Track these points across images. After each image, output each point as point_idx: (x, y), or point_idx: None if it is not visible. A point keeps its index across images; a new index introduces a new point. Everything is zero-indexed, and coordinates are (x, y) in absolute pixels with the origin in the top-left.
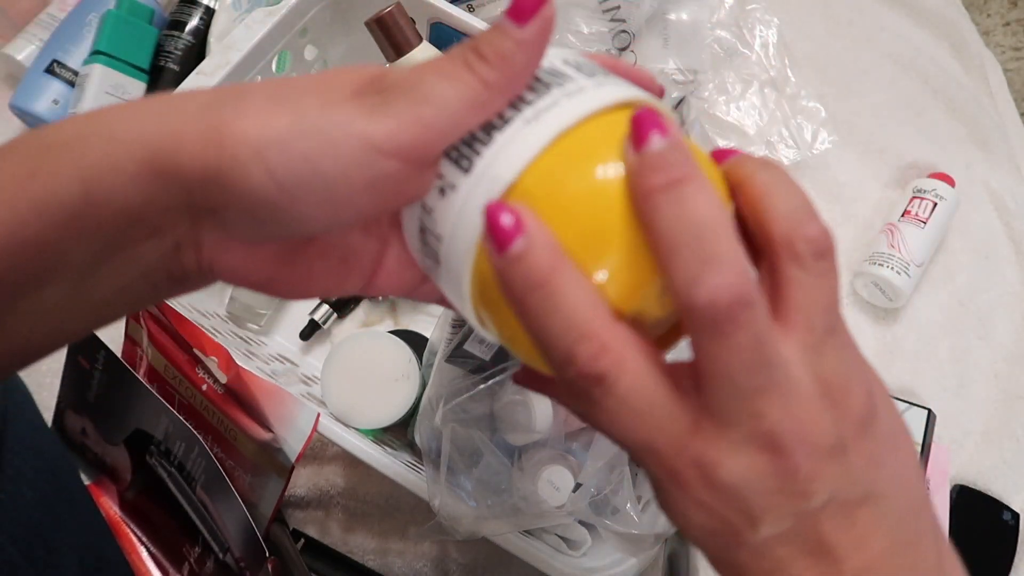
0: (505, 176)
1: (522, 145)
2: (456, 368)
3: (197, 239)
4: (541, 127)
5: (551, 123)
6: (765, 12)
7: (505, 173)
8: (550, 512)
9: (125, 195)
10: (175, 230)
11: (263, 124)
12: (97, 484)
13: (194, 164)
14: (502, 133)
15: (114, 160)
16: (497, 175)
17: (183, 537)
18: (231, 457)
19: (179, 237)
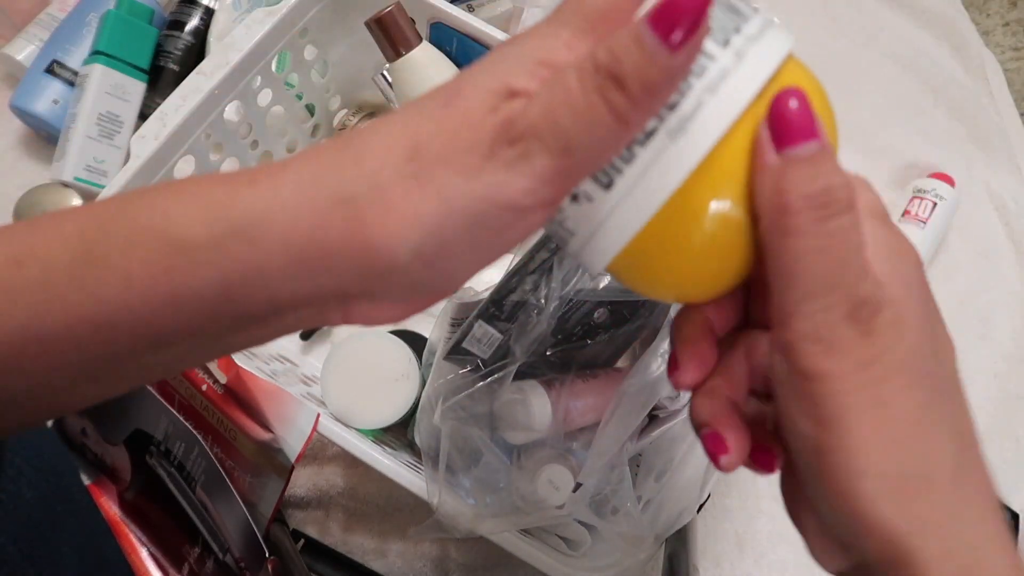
0: (650, 206)
1: (665, 172)
2: (455, 366)
3: (346, 309)
4: (687, 146)
5: (698, 142)
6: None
7: (649, 203)
8: (550, 511)
9: (268, 293)
10: (322, 306)
11: (412, 220)
12: (97, 484)
13: (343, 263)
14: (644, 149)
15: (256, 265)
16: (640, 206)
17: (183, 537)
18: (231, 457)
19: (326, 309)
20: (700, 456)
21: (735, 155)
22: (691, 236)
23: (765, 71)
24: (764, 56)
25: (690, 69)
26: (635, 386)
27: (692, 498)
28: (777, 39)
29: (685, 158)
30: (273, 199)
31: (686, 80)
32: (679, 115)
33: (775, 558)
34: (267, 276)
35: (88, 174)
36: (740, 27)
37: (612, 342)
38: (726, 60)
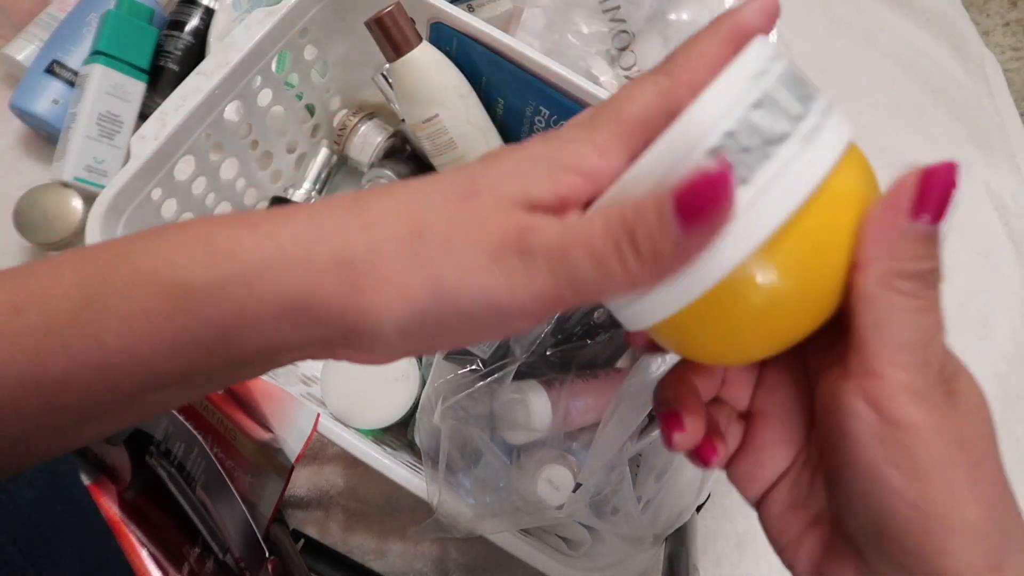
0: (702, 283)
1: (722, 250)
2: (455, 366)
3: (333, 353)
4: (747, 226)
5: (761, 222)
6: None
7: (702, 280)
8: (549, 511)
9: (262, 339)
10: (312, 350)
11: (401, 296)
12: (97, 484)
13: (332, 320)
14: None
15: (252, 312)
16: (695, 280)
17: (183, 537)
18: (231, 457)
19: (315, 352)
20: None
21: (796, 236)
22: (743, 310)
23: (830, 158)
24: (829, 142)
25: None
26: (635, 386)
27: (692, 498)
28: (841, 124)
29: (742, 240)
30: (275, 249)
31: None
32: (744, 197)
33: (775, 558)
34: (262, 323)
35: (88, 174)
36: (807, 110)
37: (612, 342)
38: (794, 147)
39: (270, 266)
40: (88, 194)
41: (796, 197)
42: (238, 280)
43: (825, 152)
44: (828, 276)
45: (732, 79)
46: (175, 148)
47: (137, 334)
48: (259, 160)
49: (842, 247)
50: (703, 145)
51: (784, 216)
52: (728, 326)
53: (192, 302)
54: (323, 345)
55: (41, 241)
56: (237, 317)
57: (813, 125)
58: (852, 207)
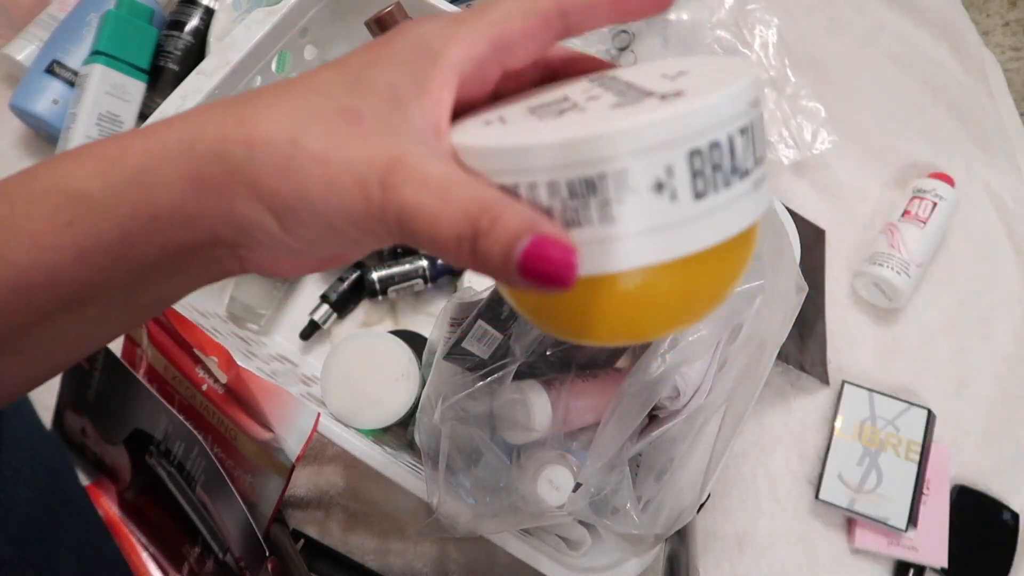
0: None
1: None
2: (455, 366)
3: (241, 258)
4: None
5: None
6: (765, 12)
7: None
8: (549, 511)
9: (163, 239)
10: (216, 253)
11: (272, 193)
12: (96, 484)
13: (219, 214)
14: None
15: (149, 211)
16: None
17: (183, 537)
18: (231, 457)
19: (221, 256)
20: (700, 456)
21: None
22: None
23: (760, 211)
24: (765, 198)
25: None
26: (635, 386)
27: (692, 498)
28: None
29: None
30: (161, 149)
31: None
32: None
33: (775, 558)
34: (159, 221)
35: None
36: (763, 156)
37: None
38: (747, 186)
39: (157, 165)
40: None
41: (723, 232)
42: (129, 181)
43: (762, 203)
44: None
45: (732, 98)
46: None
47: (43, 246)
48: None
49: (705, 298)
50: (684, 146)
51: (696, 247)
52: (578, 313)
53: (91, 207)
54: (226, 246)
55: None
56: (134, 217)
57: (762, 175)
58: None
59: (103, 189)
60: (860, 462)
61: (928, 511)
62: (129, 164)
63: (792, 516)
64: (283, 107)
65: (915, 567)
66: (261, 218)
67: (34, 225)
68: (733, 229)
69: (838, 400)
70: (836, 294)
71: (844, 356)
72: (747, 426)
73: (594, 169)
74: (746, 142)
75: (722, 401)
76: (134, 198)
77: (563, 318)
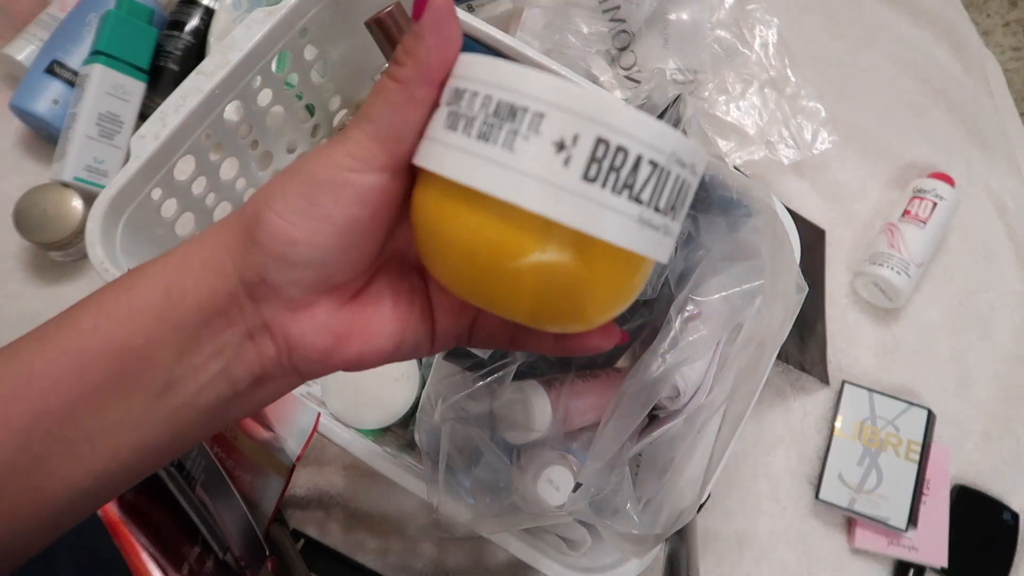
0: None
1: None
2: (455, 366)
3: (263, 319)
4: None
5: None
6: (765, 12)
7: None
8: (549, 511)
9: (197, 289)
10: (243, 316)
11: (268, 186)
12: None
13: (232, 233)
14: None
15: (188, 263)
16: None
17: (183, 537)
18: (231, 456)
19: (248, 324)
20: (700, 456)
21: None
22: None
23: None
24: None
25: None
26: (635, 386)
27: (692, 498)
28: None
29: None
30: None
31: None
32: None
33: (775, 558)
34: (192, 270)
35: (88, 174)
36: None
37: None
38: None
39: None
40: (88, 194)
41: (587, 224)
42: (184, 245)
43: (642, 243)
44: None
45: (660, 130)
46: (175, 148)
47: (105, 308)
48: (259, 160)
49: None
50: (597, 129)
51: (556, 216)
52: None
53: (146, 268)
54: (247, 292)
55: (41, 241)
56: (176, 269)
57: (660, 225)
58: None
59: (164, 255)
60: (860, 462)
61: (928, 511)
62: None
63: (792, 516)
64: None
65: (915, 567)
66: (265, 212)
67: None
68: (597, 230)
69: (838, 400)
70: (836, 294)
71: (844, 356)
72: (747, 426)
73: (522, 101)
74: (654, 178)
75: (722, 401)
76: (180, 252)
77: (430, 232)
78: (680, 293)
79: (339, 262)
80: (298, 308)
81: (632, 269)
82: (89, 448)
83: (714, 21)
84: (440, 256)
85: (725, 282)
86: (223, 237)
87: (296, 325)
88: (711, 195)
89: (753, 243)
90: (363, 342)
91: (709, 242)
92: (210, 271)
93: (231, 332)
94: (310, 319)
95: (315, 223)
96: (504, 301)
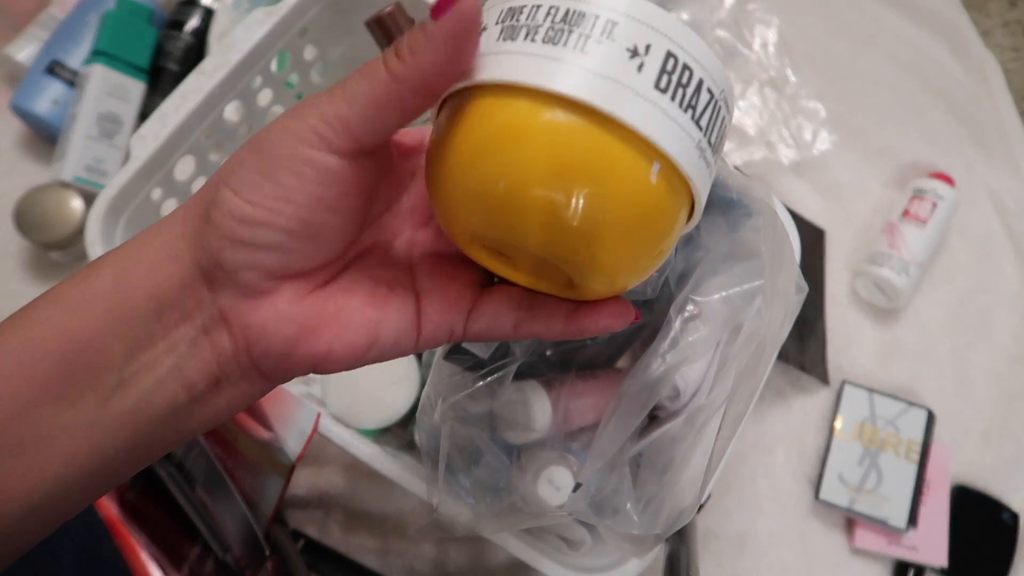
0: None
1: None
2: (455, 366)
3: (219, 310)
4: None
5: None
6: (765, 12)
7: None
8: (549, 512)
9: (150, 278)
10: (198, 307)
11: (228, 161)
12: None
13: (189, 217)
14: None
15: (143, 250)
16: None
17: (183, 537)
18: (231, 456)
19: (204, 316)
20: (700, 456)
21: None
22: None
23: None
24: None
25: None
26: (635, 386)
27: (692, 498)
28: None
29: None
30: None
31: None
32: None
33: (775, 558)
34: (144, 261)
35: (88, 174)
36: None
37: (612, 342)
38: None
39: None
40: (88, 194)
41: (657, 133)
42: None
43: (696, 170)
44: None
45: (720, 67)
46: (175, 148)
47: (60, 300)
48: None
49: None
50: (669, 44)
51: (630, 120)
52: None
53: (100, 261)
54: (204, 279)
55: (41, 241)
56: (127, 260)
57: (711, 158)
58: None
59: (122, 245)
60: (860, 462)
61: (928, 511)
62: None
63: (792, 516)
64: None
65: (915, 567)
66: (221, 190)
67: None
68: (665, 141)
69: (838, 400)
70: (836, 294)
71: (844, 356)
72: (747, 426)
73: (593, 9)
74: (711, 107)
75: (722, 401)
76: (134, 245)
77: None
78: (680, 293)
79: (300, 246)
80: (257, 295)
81: (677, 204)
82: (42, 453)
83: (714, 21)
84: (477, 172)
85: (725, 282)
86: (180, 222)
87: (255, 315)
88: (711, 195)
89: (753, 243)
90: (332, 334)
91: (709, 242)
92: (164, 258)
93: (185, 326)
94: (270, 307)
95: (274, 202)
96: (554, 223)
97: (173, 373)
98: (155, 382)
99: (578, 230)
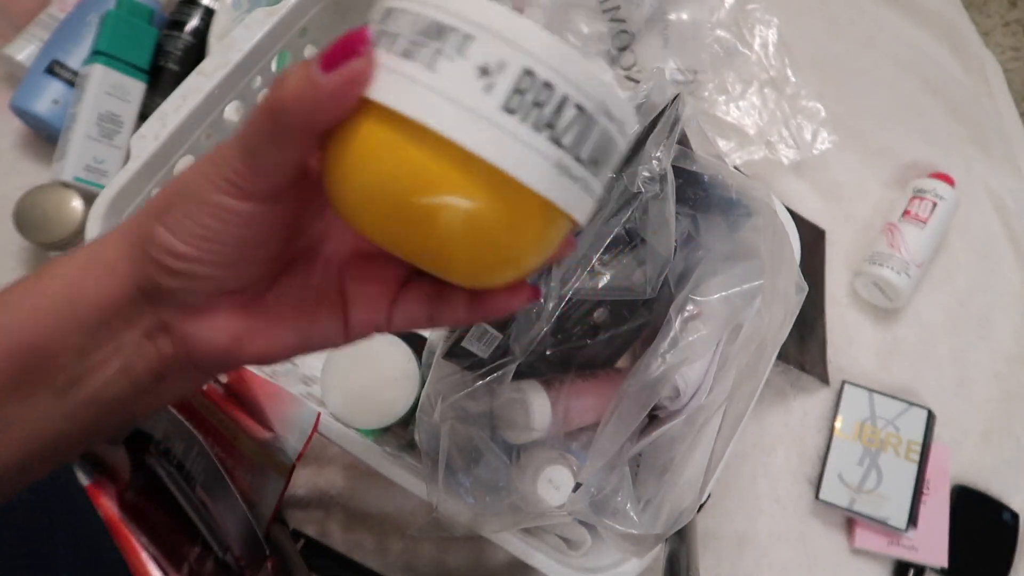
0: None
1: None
2: (454, 365)
3: (161, 321)
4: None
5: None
6: (765, 12)
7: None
8: (549, 511)
9: (96, 291)
10: (141, 317)
11: (161, 196)
12: (96, 484)
13: (131, 239)
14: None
15: (90, 264)
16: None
17: (183, 537)
18: (231, 456)
19: (146, 324)
20: (700, 456)
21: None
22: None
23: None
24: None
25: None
26: (635, 386)
27: (692, 498)
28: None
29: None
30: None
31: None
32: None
33: (775, 558)
34: (92, 274)
35: (88, 174)
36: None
37: (612, 342)
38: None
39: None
40: (88, 194)
41: (501, 158)
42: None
43: (560, 192)
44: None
45: (586, 70)
46: (175, 148)
47: (12, 306)
48: None
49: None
50: (525, 61)
51: (469, 144)
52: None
53: (51, 266)
54: (146, 293)
55: (41, 241)
56: (78, 270)
57: (581, 175)
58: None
59: (76, 254)
60: (860, 462)
61: (928, 511)
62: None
63: (792, 516)
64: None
65: (915, 567)
66: (151, 227)
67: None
68: (508, 164)
69: (838, 400)
70: (836, 294)
71: (844, 356)
72: (747, 426)
73: (452, 21)
74: (578, 123)
75: (722, 401)
76: (85, 253)
77: (345, 152)
78: (680, 293)
79: (232, 273)
80: (195, 312)
81: (545, 219)
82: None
83: (714, 21)
84: (346, 182)
85: (725, 282)
86: (123, 243)
87: (193, 327)
88: (711, 195)
89: (753, 243)
90: (266, 341)
91: (709, 242)
92: (109, 275)
93: (130, 332)
94: (208, 321)
95: (202, 242)
96: (409, 236)
97: (121, 372)
98: (106, 379)
99: (427, 247)
